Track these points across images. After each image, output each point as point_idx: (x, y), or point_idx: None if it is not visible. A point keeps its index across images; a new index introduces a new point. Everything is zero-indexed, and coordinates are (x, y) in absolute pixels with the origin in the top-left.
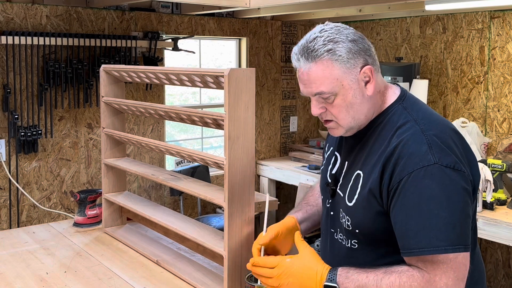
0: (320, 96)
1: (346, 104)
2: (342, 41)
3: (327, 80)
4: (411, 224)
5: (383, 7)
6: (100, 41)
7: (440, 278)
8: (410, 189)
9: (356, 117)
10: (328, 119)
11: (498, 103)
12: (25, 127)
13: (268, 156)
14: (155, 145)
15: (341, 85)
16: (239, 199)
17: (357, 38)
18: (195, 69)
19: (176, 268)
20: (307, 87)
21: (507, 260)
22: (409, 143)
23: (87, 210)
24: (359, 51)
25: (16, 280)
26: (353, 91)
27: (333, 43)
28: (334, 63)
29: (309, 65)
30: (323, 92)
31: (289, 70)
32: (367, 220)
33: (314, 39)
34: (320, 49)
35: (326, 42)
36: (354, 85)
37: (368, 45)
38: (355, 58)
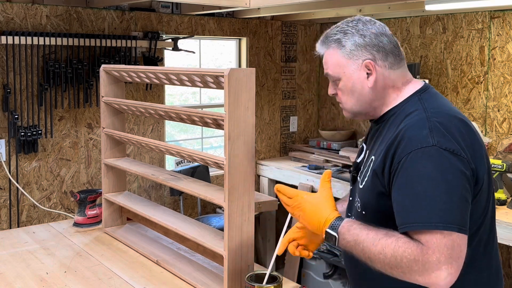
0: (330, 78)
1: (347, 90)
2: (351, 34)
3: (332, 65)
4: (406, 202)
5: (383, 7)
6: (100, 41)
7: (433, 252)
8: (407, 169)
9: (358, 104)
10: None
11: (498, 103)
12: (25, 127)
13: (268, 156)
14: (155, 145)
15: (343, 72)
16: (239, 199)
17: (370, 34)
18: (195, 69)
19: (176, 268)
20: (324, 68)
21: (507, 260)
22: (412, 127)
23: (87, 210)
24: (365, 46)
25: (16, 280)
26: (353, 79)
27: (343, 34)
28: (337, 51)
29: (323, 48)
30: (329, 75)
31: (289, 70)
32: (371, 200)
33: (332, 28)
34: (330, 37)
35: (337, 33)
36: (354, 74)
37: (383, 43)
38: (359, 51)
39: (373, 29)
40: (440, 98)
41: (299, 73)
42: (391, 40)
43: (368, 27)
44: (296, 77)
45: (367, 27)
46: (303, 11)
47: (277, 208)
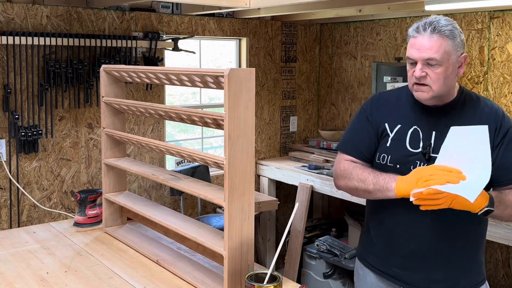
0: (428, 62)
1: (444, 76)
2: (457, 28)
3: (441, 50)
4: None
5: (383, 7)
6: (101, 41)
7: None
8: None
9: (446, 88)
10: (423, 83)
11: (498, 103)
12: (25, 127)
13: (268, 156)
14: (155, 145)
15: (447, 59)
16: (239, 199)
17: (462, 32)
18: (195, 69)
19: (176, 267)
20: (422, 52)
21: (506, 260)
22: (500, 107)
23: (87, 210)
24: (462, 42)
25: (16, 279)
26: (452, 67)
27: (453, 27)
28: (449, 40)
29: (433, 35)
30: (434, 59)
31: (289, 70)
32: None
33: (438, 20)
34: (444, 27)
35: (448, 24)
36: (454, 63)
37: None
38: (461, 44)
39: (460, 29)
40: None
41: (299, 73)
42: None
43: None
44: (296, 77)
45: (458, 26)
46: (303, 11)
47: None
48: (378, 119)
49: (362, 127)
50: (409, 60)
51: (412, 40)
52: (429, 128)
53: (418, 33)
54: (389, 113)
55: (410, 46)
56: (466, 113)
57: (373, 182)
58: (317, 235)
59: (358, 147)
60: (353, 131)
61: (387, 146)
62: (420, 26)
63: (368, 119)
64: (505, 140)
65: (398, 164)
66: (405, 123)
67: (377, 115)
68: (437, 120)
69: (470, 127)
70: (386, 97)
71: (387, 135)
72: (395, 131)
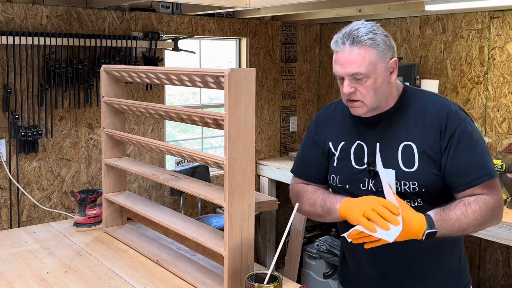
0: (355, 76)
1: (374, 87)
2: (380, 34)
3: (365, 62)
4: (477, 158)
5: (383, 7)
6: (101, 41)
7: (500, 194)
8: (465, 135)
9: (379, 99)
10: (355, 99)
11: (498, 103)
12: (25, 127)
13: (268, 156)
14: (155, 145)
15: (374, 70)
16: (239, 199)
17: (388, 35)
18: (195, 69)
19: (176, 267)
20: (345, 68)
21: (507, 260)
22: (446, 107)
23: (87, 210)
24: (389, 46)
25: (16, 279)
26: (382, 76)
27: (373, 33)
28: (372, 49)
29: (353, 48)
30: (359, 73)
31: (289, 70)
32: (428, 177)
33: (357, 29)
34: (363, 36)
35: (368, 32)
36: (383, 72)
37: (394, 45)
38: (387, 50)
39: (385, 32)
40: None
41: (299, 73)
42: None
43: (382, 29)
44: (296, 77)
45: (382, 29)
46: (303, 11)
47: (277, 208)
48: (322, 139)
49: (310, 149)
50: (336, 75)
51: (335, 56)
52: (373, 140)
53: (338, 47)
54: (332, 130)
55: (334, 61)
56: (410, 117)
57: (321, 205)
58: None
59: (309, 170)
60: (302, 154)
61: (334, 166)
62: (338, 40)
63: (314, 139)
64: (452, 142)
65: (347, 184)
66: (348, 139)
67: (321, 134)
68: (380, 131)
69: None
70: (329, 112)
71: (333, 154)
72: (339, 149)
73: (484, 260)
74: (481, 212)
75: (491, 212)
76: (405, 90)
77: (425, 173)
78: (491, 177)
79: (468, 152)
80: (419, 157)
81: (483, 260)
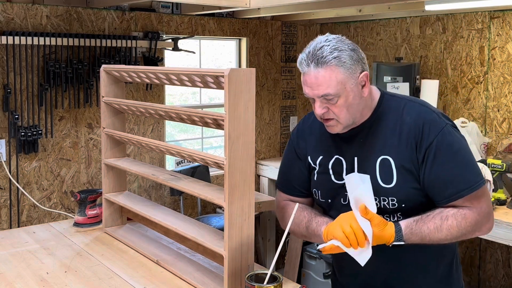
0: (325, 97)
1: (347, 105)
2: (345, 50)
3: (333, 83)
4: (456, 171)
5: (383, 7)
6: (100, 41)
7: (485, 205)
8: (442, 146)
9: (354, 115)
10: (329, 118)
11: (498, 103)
12: (25, 127)
13: (268, 156)
14: (155, 145)
15: (344, 88)
16: (239, 199)
17: (356, 48)
18: (195, 69)
19: (176, 268)
20: (314, 90)
21: (507, 260)
22: (422, 115)
23: (87, 210)
24: (358, 59)
25: (16, 280)
26: (353, 93)
27: (338, 51)
28: (339, 68)
29: (318, 70)
30: (329, 94)
31: (289, 70)
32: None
33: (321, 48)
34: (328, 56)
35: (332, 50)
36: (354, 88)
37: (363, 55)
38: (355, 65)
39: (352, 44)
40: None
41: (299, 73)
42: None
43: (349, 42)
44: (296, 77)
45: (348, 42)
46: (303, 11)
47: None
48: (303, 151)
49: (292, 162)
50: (307, 96)
51: (302, 77)
52: (350, 154)
53: (304, 69)
54: (311, 143)
55: (302, 82)
56: (387, 128)
57: (306, 226)
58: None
59: (292, 183)
60: (284, 165)
61: (315, 180)
62: (303, 61)
63: (295, 151)
64: (429, 154)
65: (329, 198)
66: (326, 154)
67: (302, 146)
68: (358, 144)
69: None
70: (309, 124)
71: (313, 168)
72: (318, 163)
73: (484, 260)
74: (458, 227)
75: (471, 226)
76: (381, 99)
77: (404, 188)
78: (472, 190)
79: (446, 164)
80: (397, 171)
81: (483, 260)
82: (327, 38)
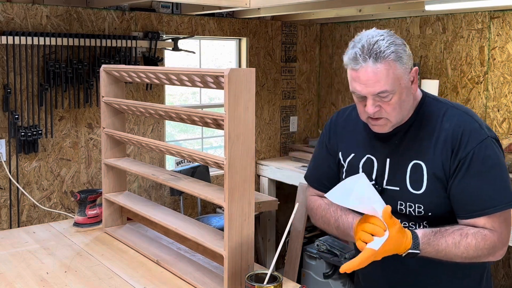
0: (380, 95)
1: (400, 102)
2: (400, 44)
3: (390, 79)
4: (485, 187)
5: (383, 7)
6: (100, 41)
7: (506, 231)
8: (478, 159)
9: (403, 113)
10: (379, 117)
11: (498, 103)
12: (25, 127)
13: (268, 156)
14: (155, 145)
15: (399, 84)
16: (239, 199)
17: (405, 43)
18: (195, 69)
19: (176, 268)
20: (369, 87)
21: (507, 260)
22: (462, 123)
23: (87, 210)
24: (409, 55)
25: (16, 280)
26: (406, 90)
27: (394, 45)
28: (396, 63)
29: (376, 65)
30: (385, 91)
31: (289, 70)
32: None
33: (376, 42)
34: (386, 50)
35: (388, 45)
36: (407, 84)
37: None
38: (409, 60)
39: (402, 39)
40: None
41: (299, 73)
42: None
43: (399, 37)
44: (296, 77)
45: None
46: (303, 11)
47: (277, 208)
48: (334, 147)
49: (322, 156)
50: (355, 94)
51: (354, 73)
52: (383, 155)
53: (358, 64)
54: (344, 139)
55: (352, 79)
56: (424, 133)
57: (335, 226)
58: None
59: (321, 179)
60: (315, 159)
61: (343, 179)
62: (359, 56)
63: (326, 146)
64: (463, 165)
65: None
66: (358, 152)
67: (334, 141)
68: (392, 145)
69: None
70: (344, 118)
71: (342, 166)
72: (348, 161)
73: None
74: (476, 248)
75: (487, 249)
76: (423, 100)
77: (432, 197)
78: (497, 210)
79: (477, 178)
80: (428, 178)
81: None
82: (378, 32)
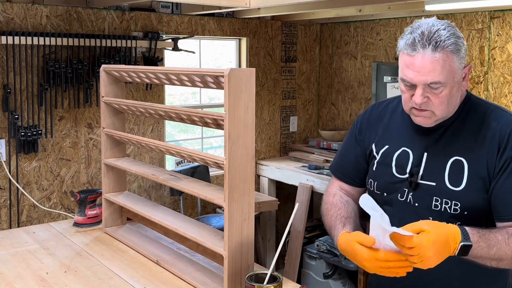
0: (431, 85)
1: (449, 96)
2: (460, 37)
3: (446, 71)
4: None
5: (383, 7)
6: (100, 41)
7: None
8: None
9: (450, 109)
10: (425, 109)
11: (498, 103)
12: (25, 127)
13: (268, 156)
14: (155, 145)
15: (452, 78)
16: (239, 199)
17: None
18: (195, 69)
19: (176, 268)
20: (422, 75)
21: None
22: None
23: (87, 210)
24: (466, 49)
25: (16, 280)
26: (457, 84)
27: (455, 37)
28: (454, 56)
29: (435, 53)
30: (439, 82)
31: (289, 70)
32: (474, 200)
33: (437, 30)
34: (446, 40)
35: (449, 35)
36: (459, 79)
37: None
38: (465, 55)
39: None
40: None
41: (299, 73)
42: None
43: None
44: (296, 77)
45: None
46: (303, 11)
47: (277, 208)
48: (366, 139)
49: (350, 148)
50: (405, 82)
51: (408, 59)
52: (421, 148)
53: (416, 50)
54: (378, 131)
55: (405, 65)
56: (467, 130)
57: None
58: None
59: (347, 171)
60: (343, 151)
61: (373, 171)
62: (417, 42)
63: (356, 138)
64: (508, 165)
65: (385, 192)
66: (393, 144)
67: (366, 133)
68: (432, 139)
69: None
70: (379, 110)
71: (374, 157)
72: (381, 153)
73: None
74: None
75: None
76: (467, 98)
77: (471, 194)
78: None
79: None
80: (468, 175)
81: None
82: (439, 21)
